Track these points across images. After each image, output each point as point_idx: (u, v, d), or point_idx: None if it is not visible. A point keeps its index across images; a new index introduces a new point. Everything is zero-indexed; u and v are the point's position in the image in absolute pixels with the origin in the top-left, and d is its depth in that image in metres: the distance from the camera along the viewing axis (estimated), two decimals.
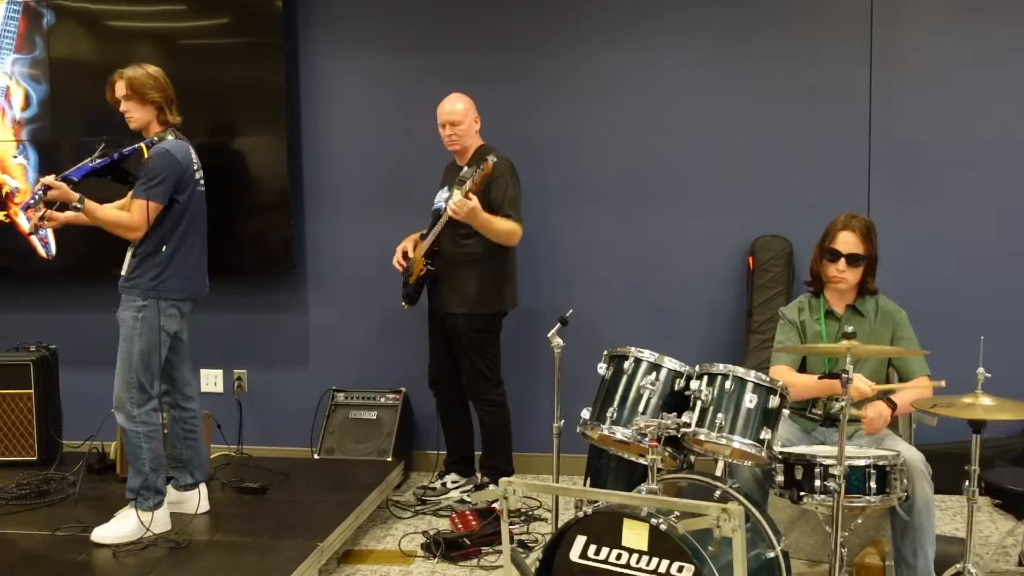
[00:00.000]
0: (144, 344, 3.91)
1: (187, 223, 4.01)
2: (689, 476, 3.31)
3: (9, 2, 5.23)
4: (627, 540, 2.90)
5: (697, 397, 3.25)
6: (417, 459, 5.28)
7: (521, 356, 5.20)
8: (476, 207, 4.41)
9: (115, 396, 3.94)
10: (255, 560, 3.72)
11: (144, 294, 3.91)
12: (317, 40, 5.27)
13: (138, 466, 3.93)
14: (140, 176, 3.91)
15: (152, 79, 3.99)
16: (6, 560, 3.77)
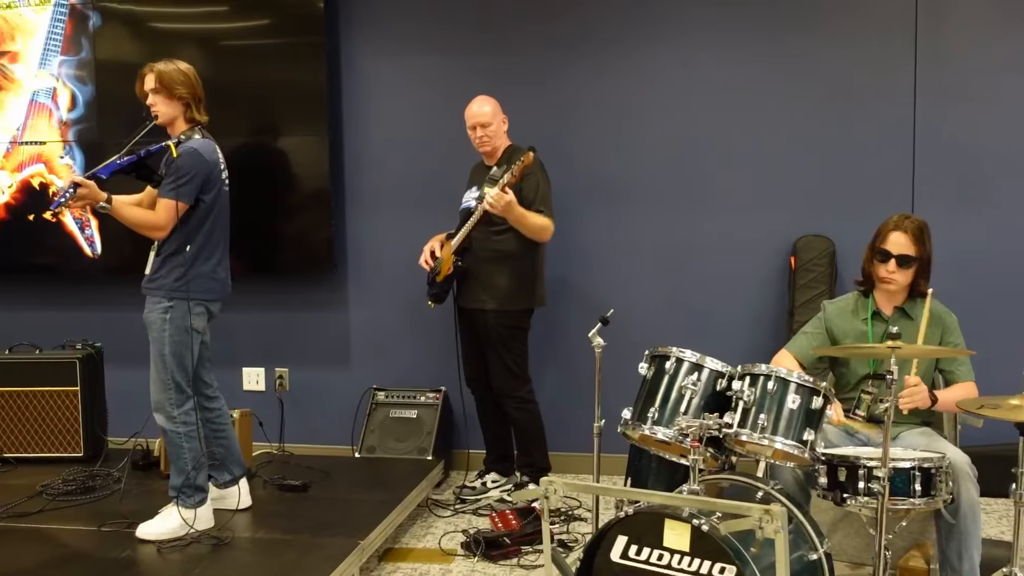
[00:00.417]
0: (175, 345, 3.91)
1: (212, 222, 3.99)
2: (731, 477, 3.29)
3: (56, 5, 5.30)
4: (668, 541, 2.89)
5: (739, 398, 3.23)
6: (457, 458, 5.29)
7: (561, 356, 5.20)
8: (513, 200, 4.42)
9: (153, 399, 3.96)
10: (296, 557, 3.75)
11: (169, 295, 3.90)
12: (358, 40, 5.30)
13: (180, 465, 3.96)
14: (167, 175, 3.88)
15: (182, 75, 3.97)
16: (53, 555, 3.83)
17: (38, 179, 5.41)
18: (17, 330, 5.27)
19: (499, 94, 4.83)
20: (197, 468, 3.97)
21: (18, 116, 5.41)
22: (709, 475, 3.31)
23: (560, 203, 4.83)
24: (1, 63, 5.39)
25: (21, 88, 5.39)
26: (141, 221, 3.89)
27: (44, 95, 5.38)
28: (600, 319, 3.80)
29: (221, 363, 5.17)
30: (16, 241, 4.62)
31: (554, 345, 5.22)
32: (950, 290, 3.99)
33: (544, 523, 3.05)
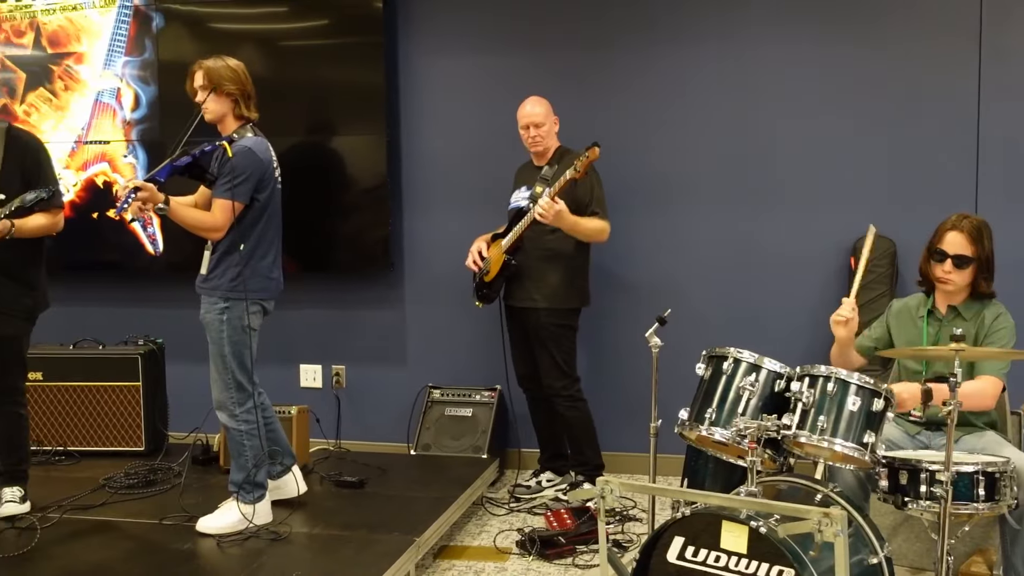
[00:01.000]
0: (234, 344, 3.94)
1: (265, 221, 4.01)
2: (789, 479, 3.26)
3: (120, 6, 5.39)
4: (726, 542, 2.87)
5: (798, 399, 3.20)
6: (512, 457, 5.30)
7: (611, 355, 5.19)
8: (563, 210, 4.42)
9: (215, 398, 4.01)
10: (353, 553, 3.78)
11: (226, 295, 3.93)
12: (416, 40, 5.33)
13: (241, 462, 4.01)
14: (222, 175, 3.89)
15: (230, 71, 3.97)
16: (117, 547, 3.90)
17: (102, 178, 5.51)
18: (81, 326, 5.37)
19: (552, 93, 4.83)
20: (258, 465, 4.02)
21: (83, 116, 5.52)
22: (767, 477, 3.29)
23: (612, 202, 4.82)
24: (67, 64, 5.50)
25: (86, 88, 5.50)
26: (198, 222, 3.91)
27: (108, 95, 5.48)
28: (657, 319, 3.79)
29: (278, 360, 5.27)
30: (80, 239, 4.71)
31: (604, 344, 5.21)
32: (1013, 291, 3.92)
33: (600, 523, 3.04)
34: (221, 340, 3.94)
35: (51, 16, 5.49)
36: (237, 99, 3.98)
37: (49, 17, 5.49)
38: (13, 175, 4.03)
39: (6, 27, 5.54)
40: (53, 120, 5.52)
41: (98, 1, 5.42)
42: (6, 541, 3.93)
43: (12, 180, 4.02)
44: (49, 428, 5.14)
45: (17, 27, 5.53)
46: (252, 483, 4.00)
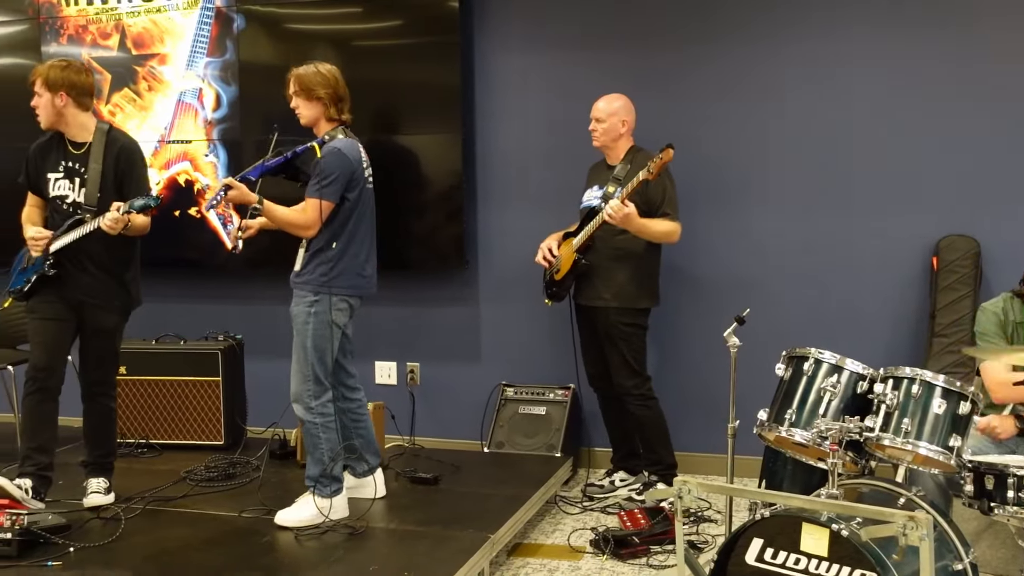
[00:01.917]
0: (317, 338, 4.02)
1: (356, 220, 4.09)
2: (871, 482, 3.21)
3: (203, 8, 5.49)
4: (806, 545, 2.83)
5: (882, 401, 3.15)
6: (585, 455, 5.29)
7: (684, 354, 5.16)
8: (632, 213, 4.40)
9: (292, 390, 4.08)
10: (428, 549, 3.81)
11: (316, 289, 4.02)
12: (492, 39, 5.34)
13: (317, 456, 4.07)
14: (313, 175, 4.01)
15: (321, 76, 4.08)
16: (197, 538, 3.98)
17: (184, 176, 5.62)
18: (163, 321, 5.49)
19: (628, 92, 4.81)
20: (334, 459, 4.07)
21: (166, 116, 5.63)
22: (847, 479, 3.25)
23: (688, 202, 4.79)
24: (151, 65, 5.62)
25: (169, 89, 5.61)
26: (290, 221, 4.02)
27: (190, 95, 5.58)
28: (736, 318, 3.75)
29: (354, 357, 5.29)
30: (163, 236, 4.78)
31: (678, 343, 5.18)
32: None
33: (677, 523, 3.02)
34: (305, 332, 4.02)
35: (136, 18, 5.61)
36: (328, 103, 4.08)
37: (134, 19, 5.62)
38: (109, 174, 4.21)
39: (92, 29, 5.68)
40: (137, 120, 5.64)
41: (181, 3, 5.53)
42: (92, 531, 4.04)
43: (108, 179, 4.20)
44: (132, 421, 5.26)
45: (103, 29, 5.66)
46: (328, 477, 4.06)
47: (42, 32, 5.76)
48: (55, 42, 5.74)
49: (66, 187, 4.21)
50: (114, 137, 4.27)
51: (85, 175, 4.18)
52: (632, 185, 4.43)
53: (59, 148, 4.25)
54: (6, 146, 5.75)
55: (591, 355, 4.91)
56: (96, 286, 4.22)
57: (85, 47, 5.70)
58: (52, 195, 4.23)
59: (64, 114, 4.17)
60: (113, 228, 4.01)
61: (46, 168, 4.25)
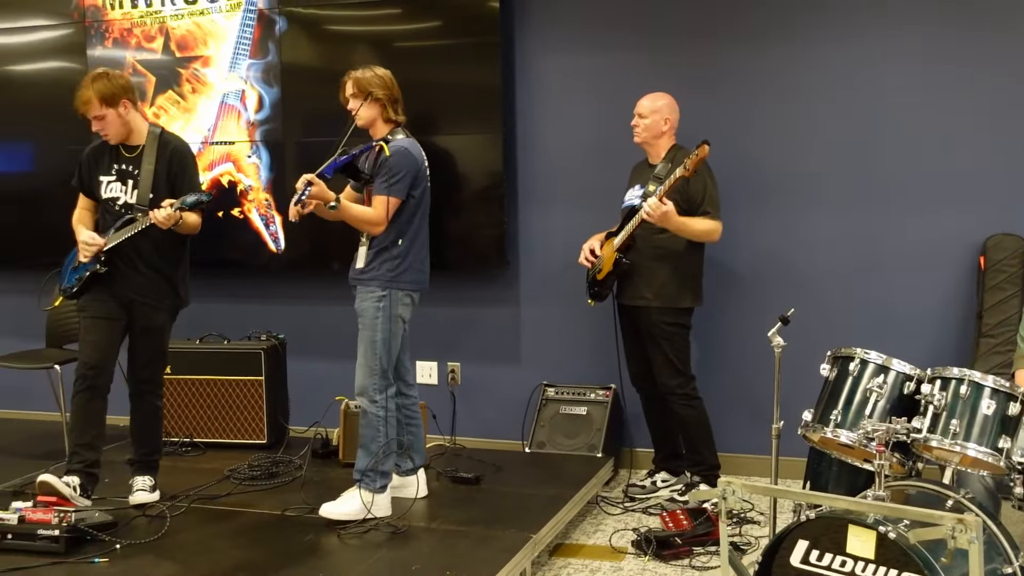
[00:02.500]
0: (385, 333, 4.10)
1: (419, 217, 4.22)
2: (918, 484, 3.17)
3: (245, 10, 5.54)
4: (852, 547, 2.81)
5: (929, 402, 3.12)
6: (627, 456, 5.27)
7: (726, 354, 5.13)
8: (670, 211, 4.38)
9: (358, 383, 4.14)
10: (470, 548, 3.82)
11: (384, 285, 4.11)
12: (533, 39, 5.33)
13: (372, 448, 4.10)
14: (381, 173, 4.09)
15: (378, 78, 4.19)
16: (242, 536, 4.03)
17: (227, 177, 5.67)
18: (207, 321, 5.52)
19: (671, 91, 4.78)
20: (387, 454, 4.10)
21: (209, 117, 5.68)
22: (894, 481, 3.21)
23: (732, 201, 4.77)
24: (194, 67, 5.67)
25: (212, 91, 5.66)
26: (363, 217, 4.12)
27: (233, 97, 5.63)
28: (780, 318, 3.71)
29: None
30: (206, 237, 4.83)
31: (720, 342, 5.14)
32: None
33: (722, 524, 3.00)
34: (375, 327, 4.10)
35: (179, 21, 5.67)
36: (385, 104, 4.18)
37: (178, 22, 5.67)
38: (161, 176, 4.28)
39: (137, 32, 5.74)
40: (181, 122, 5.69)
41: (224, 6, 5.58)
42: (137, 528, 4.09)
43: (161, 181, 4.27)
44: (176, 420, 5.31)
45: (148, 32, 5.72)
46: (377, 472, 4.10)
47: (87, 36, 5.83)
48: (100, 45, 5.80)
49: (118, 189, 4.28)
50: (166, 140, 4.34)
51: (138, 177, 4.24)
52: (670, 183, 4.41)
53: (112, 151, 4.32)
54: (55, 149, 5.84)
55: (634, 354, 4.89)
56: (146, 285, 4.28)
57: (130, 50, 5.76)
58: (104, 197, 4.29)
59: (129, 121, 4.24)
60: (165, 223, 4.07)
61: (99, 171, 4.32)
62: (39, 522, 3.80)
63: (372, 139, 4.24)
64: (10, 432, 5.70)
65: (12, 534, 3.80)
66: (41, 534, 3.77)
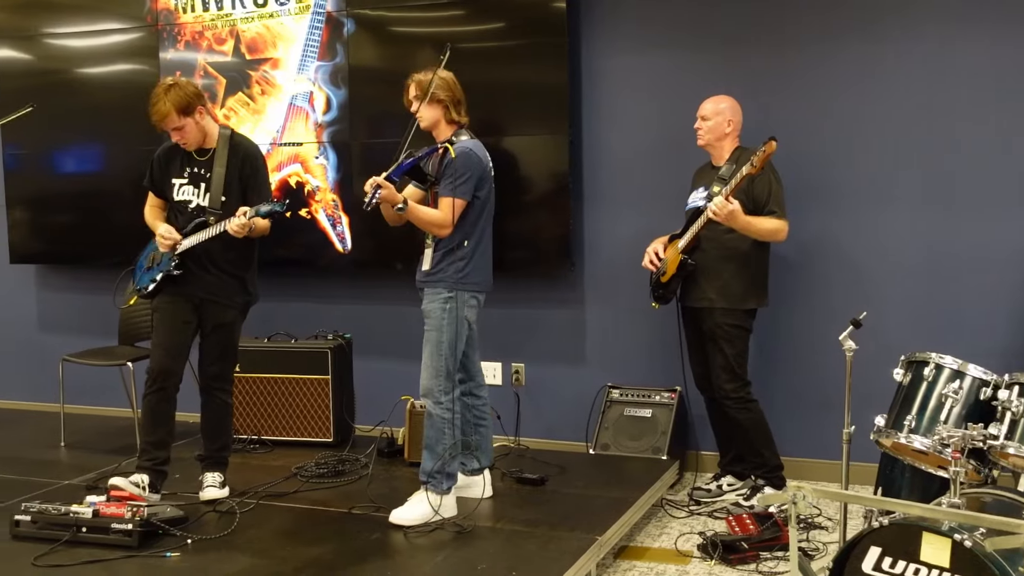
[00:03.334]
0: (451, 334, 4.11)
1: (485, 219, 4.22)
2: (994, 491, 3.11)
3: (314, 13, 5.60)
4: (926, 555, 2.77)
5: (1007, 408, 3.06)
6: (691, 459, 5.24)
7: (790, 357, 5.08)
8: (736, 210, 4.35)
9: (423, 384, 4.15)
10: (536, 549, 3.82)
11: (450, 287, 4.12)
12: (599, 40, 5.32)
13: (438, 450, 4.12)
14: (446, 175, 4.10)
15: (441, 80, 4.18)
16: (309, 533, 4.07)
17: (295, 178, 5.73)
18: (275, 320, 5.60)
19: (737, 92, 4.76)
20: (453, 455, 4.12)
21: (278, 119, 5.75)
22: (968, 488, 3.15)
23: (798, 200, 4.71)
24: (264, 69, 5.74)
25: (281, 92, 5.73)
26: (431, 219, 4.13)
27: (301, 99, 5.69)
28: (851, 321, 3.67)
29: None
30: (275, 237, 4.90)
31: (786, 345, 5.09)
32: None
33: (791, 529, 2.98)
34: (441, 328, 4.11)
35: (249, 24, 5.75)
36: (448, 106, 4.19)
37: (248, 25, 5.75)
38: (233, 179, 4.34)
39: (208, 35, 5.83)
40: (250, 124, 5.77)
41: (293, 9, 5.64)
42: (208, 523, 4.15)
43: (232, 184, 4.34)
44: (245, 418, 5.38)
45: (218, 35, 5.81)
46: (444, 473, 4.11)
47: (160, 39, 5.94)
48: (172, 48, 5.91)
49: (190, 192, 4.35)
50: (237, 142, 4.40)
51: (210, 180, 4.31)
52: (736, 181, 4.37)
53: (183, 154, 4.38)
54: (127, 149, 5.95)
55: (697, 357, 4.86)
56: (218, 285, 4.35)
57: (201, 52, 5.85)
58: (176, 200, 4.36)
59: (204, 126, 4.31)
60: (239, 232, 4.13)
61: (171, 173, 4.39)
62: (113, 516, 3.88)
63: (436, 141, 4.25)
64: (84, 428, 5.81)
65: (87, 527, 3.88)
66: (115, 528, 3.85)
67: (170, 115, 4.18)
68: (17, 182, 6.40)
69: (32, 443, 5.58)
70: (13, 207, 6.41)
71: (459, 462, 4.26)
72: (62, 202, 6.34)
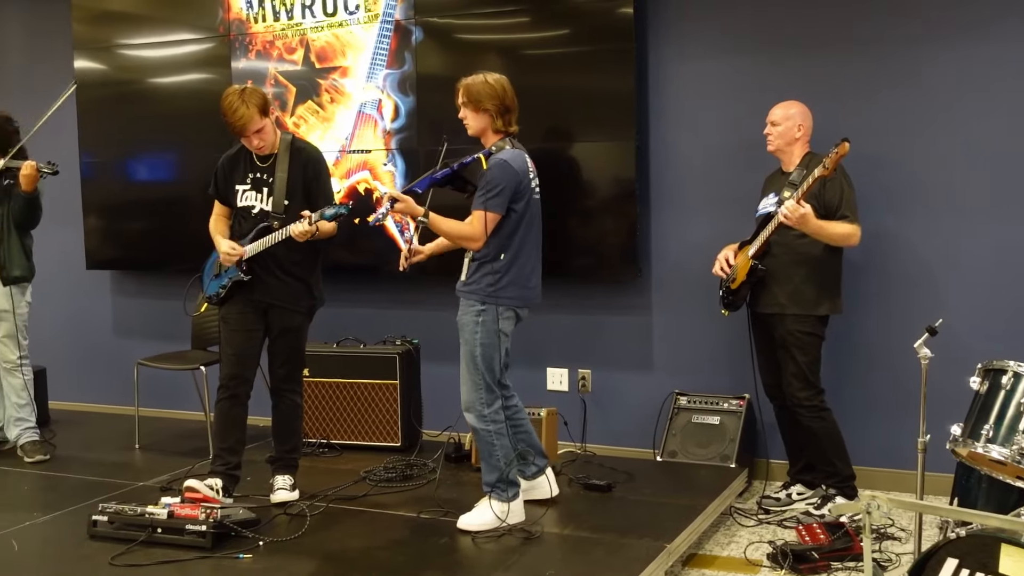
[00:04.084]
0: (485, 347, 4.07)
1: (523, 231, 4.11)
2: None
3: (382, 21, 5.65)
4: (1005, 567, 2.72)
5: None
6: (760, 467, 5.18)
7: (860, 365, 5.00)
8: (808, 213, 4.29)
9: (464, 399, 4.14)
10: (604, 555, 3.82)
11: (483, 299, 4.06)
12: (666, 46, 5.29)
13: (492, 462, 4.12)
14: (479, 187, 4.03)
15: (488, 87, 4.08)
16: (379, 537, 4.11)
17: (363, 185, 5.79)
18: (343, 325, 5.66)
19: (807, 96, 4.70)
20: (509, 464, 4.11)
21: (347, 126, 5.81)
22: None
23: (871, 204, 4.65)
24: (333, 78, 5.81)
25: (350, 100, 5.79)
26: (456, 232, 4.09)
27: (370, 106, 5.75)
28: (928, 329, 3.60)
29: (527, 363, 5.36)
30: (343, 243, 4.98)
31: (857, 351, 5.01)
32: None
33: (866, 540, 2.93)
34: (474, 342, 4.07)
35: (319, 33, 5.82)
36: (494, 115, 4.09)
37: (317, 34, 5.83)
38: (296, 183, 4.39)
39: (279, 45, 5.92)
40: (320, 131, 5.84)
41: (362, 17, 5.70)
42: (279, 526, 4.21)
43: (296, 188, 4.39)
44: (313, 422, 5.45)
45: (289, 44, 5.89)
46: (506, 482, 4.11)
47: (232, 48, 6.04)
48: (244, 58, 6.00)
49: (254, 197, 4.41)
50: (298, 146, 4.46)
51: (272, 185, 4.36)
52: (808, 184, 4.32)
53: (246, 160, 4.45)
54: (199, 157, 6.05)
55: (767, 365, 4.81)
56: (284, 289, 4.41)
57: (272, 62, 5.94)
58: (240, 205, 4.43)
59: (263, 128, 4.35)
60: (303, 236, 4.18)
61: (234, 180, 4.46)
62: (187, 517, 3.95)
63: (484, 148, 4.17)
64: (158, 430, 5.93)
65: (162, 528, 3.96)
66: (189, 529, 3.92)
67: (254, 118, 4.23)
68: (93, 190, 6.54)
69: (108, 445, 5.70)
70: (89, 214, 6.55)
71: (517, 469, 4.23)
72: (135, 209, 6.47)
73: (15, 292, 5.30)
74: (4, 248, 5.24)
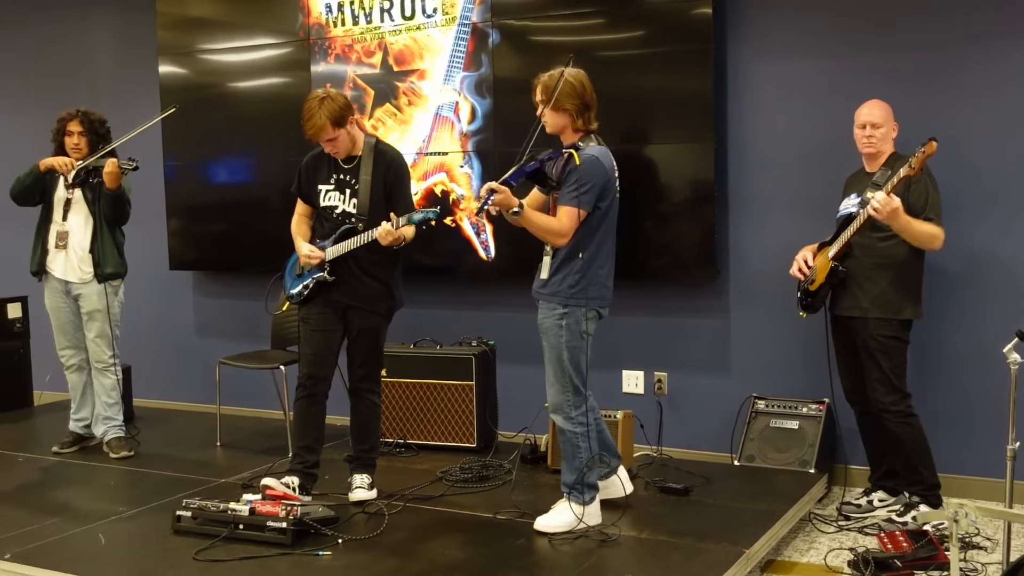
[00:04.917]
0: (572, 350, 4.05)
1: (605, 230, 4.10)
2: None
3: (460, 24, 5.68)
4: None
5: None
6: (840, 473, 5.10)
7: (943, 369, 4.90)
8: (899, 206, 4.20)
9: (552, 401, 4.13)
10: (682, 560, 3.79)
11: (565, 301, 4.04)
12: (745, 46, 5.24)
13: (575, 464, 4.10)
14: (569, 182, 3.99)
15: (568, 86, 4.02)
16: (457, 536, 4.14)
17: (440, 187, 5.83)
18: (420, 326, 5.70)
19: (889, 96, 4.61)
20: (590, 467, 4.10)
21: (424, 129, 5.85)
22: None
23: (956, 205, 4.57)
24: (411, 80, 5.86)
25: (427, 103, 5.83)
26: (547, 227, 4.04)
27: (447, 109, 5.78)
28: (1018, 333, 3.52)
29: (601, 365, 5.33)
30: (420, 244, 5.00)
31: (940, 356, 4.91)
32: None
33: (952, 548, 2.88)
34: (559, 345, 4.05)
35: (397, 36, 5.87)
36: (574, 114, 4.06)
37: (395, 37, 5.88)
38: (378, 186, 4.43)
39: (357, 48, 5.98)
40: (397, 133, 5.89)
41: (440, 21, 5.74)
42: (357, 524, 4.26)
43: (378, 191, 4.43)
44: (391, 421, 5.49)
45: (367, 48, 5.96)
46: (584, 484, 4.10)
47: (311, 52, 6.12)
48: (323, 61, 6.08)
49: (337, 198, 4.46)
50: (382, 150, 4.50)
51: (356, 187, 4.41)
52: (894, 182, 4.24)
53: (330, 161, 4.50)
54: (278, 160, 6.15)
55: (848, 369, 4.73)
56: (363, 291, 4.45)
57: (350, 65, 6.01)
58: (323, 206, 4.49)
59: (354, 136, 4.41)
60: (386, 239, 4.22)
61: (318, 180, 4.52)
62: (268, 514, 4.01)
63: (562, 145, 4.12)
64: (239, 428, 6.03)
65: (243, 524, 4.02)
66: (270, 526, 3.97)
67: (325, 128, 4.29)
68: (176, 192, 6.68)
69: (191, 442, 5.81)
70: (172, 216, 6.69)
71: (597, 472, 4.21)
72: (217, 211, 6.59)
73: (108, 291, 5.43)
74: (98, 245, 5.39)
